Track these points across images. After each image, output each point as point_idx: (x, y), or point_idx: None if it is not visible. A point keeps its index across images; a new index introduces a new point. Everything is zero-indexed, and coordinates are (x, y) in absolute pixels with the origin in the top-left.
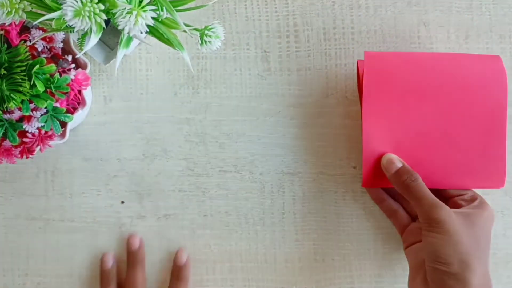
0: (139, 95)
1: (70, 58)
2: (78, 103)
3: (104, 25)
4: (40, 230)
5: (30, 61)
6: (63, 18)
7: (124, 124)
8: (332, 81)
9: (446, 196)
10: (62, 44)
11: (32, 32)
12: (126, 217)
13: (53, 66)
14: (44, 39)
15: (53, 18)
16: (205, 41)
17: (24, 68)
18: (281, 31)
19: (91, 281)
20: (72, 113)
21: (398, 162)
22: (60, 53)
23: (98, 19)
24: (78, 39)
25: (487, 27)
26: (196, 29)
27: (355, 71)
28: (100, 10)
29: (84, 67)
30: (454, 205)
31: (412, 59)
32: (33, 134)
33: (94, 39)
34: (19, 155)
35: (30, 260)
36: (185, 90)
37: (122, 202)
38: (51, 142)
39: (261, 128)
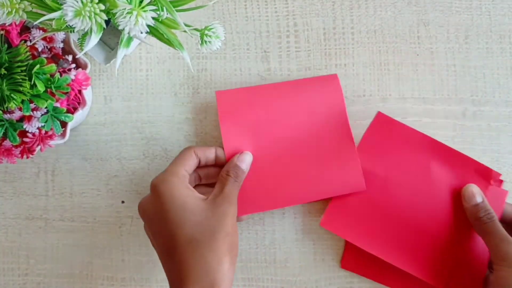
0: (139, 95)
1: (70, 58)
2: (78, 103)
3: (104, 25)
4: (40, 230)
5: (31, 61)
6: (64, 18)
7: (124, 124)
8: None
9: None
10: (62, 44)
11: (32, 32)
12: (126, 217)
13: (53, 66)
14: (44, 39)
15: (54, 18)
16: (205, 41)
17: (24, 68)
18: (281, 31)
19: (91, 281)
20: (73, 113)
21: (479, 196)
22: (61, 53)
23: (99, 19)
24: (79, 39)
25: (487, 27)
26: (196, 29)
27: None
28: (101, 10)
29: (84, 67)
30: None
31: (258, 92)
32: (33, 134)
33: (94, 39)
34: (20, 155)
35: (30, 260)
36: (185, 90)
37: (122, 202)
38: (51, 142)
39: None
